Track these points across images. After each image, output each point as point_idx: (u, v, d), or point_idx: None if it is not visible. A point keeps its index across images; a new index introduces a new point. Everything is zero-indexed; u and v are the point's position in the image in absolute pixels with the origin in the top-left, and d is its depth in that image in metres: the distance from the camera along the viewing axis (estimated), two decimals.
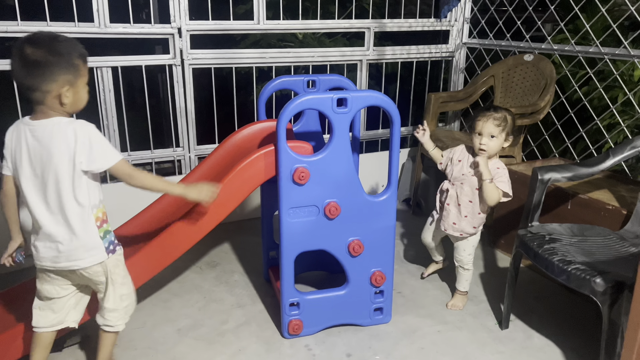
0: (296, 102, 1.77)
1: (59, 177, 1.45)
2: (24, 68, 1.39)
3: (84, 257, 1.54)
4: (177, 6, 2.73)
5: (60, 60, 1.41)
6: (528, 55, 2.98)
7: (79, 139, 1.43)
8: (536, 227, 2.01)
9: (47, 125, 1.45)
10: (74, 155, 1.44)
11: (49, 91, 1.42)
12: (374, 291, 2.04)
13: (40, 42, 1.39)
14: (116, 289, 1.63)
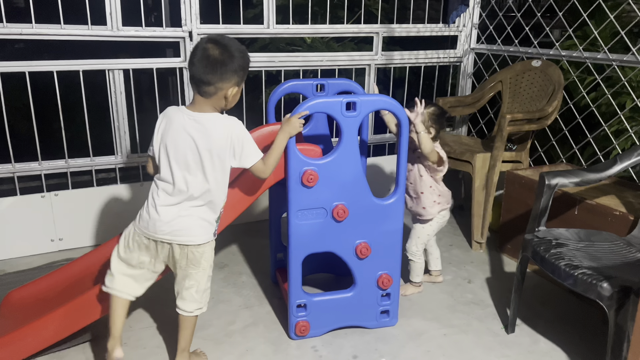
0: (306, 105, 1.79)
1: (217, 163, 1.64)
2: (209, 65, 1.57)
3: (199, 235, 1.68)
4: (189, 10, 2.76)
5: (237, 62, 1.59)
6: (536, 61, 2.99)
7: (233, 137, 1.63)
8: (543, 232, 2.02)
9: (208, 118, 1.62)
10: (226, 149, 1.63)
11: (222, 88, 1.60)
12: (380, 294, 2.06)
13: (223, 44, 1.58)
14: (207, 271, 1.74)
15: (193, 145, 1.62)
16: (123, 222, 2.39)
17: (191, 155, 1.62)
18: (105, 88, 2.75)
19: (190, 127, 1.62)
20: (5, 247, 2.63)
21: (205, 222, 1.69)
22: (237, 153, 1.66)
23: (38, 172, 2.71)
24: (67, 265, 2.20)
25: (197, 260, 1.70)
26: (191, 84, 1.63)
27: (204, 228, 1.69)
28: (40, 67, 2.58)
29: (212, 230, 1.73)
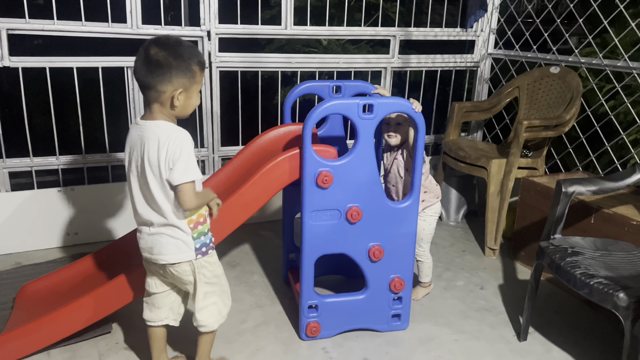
0: (323, 106, 1.79)
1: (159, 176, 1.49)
2: (145, 66, 1.45)
3: (171, 253, 1.57)
4: (207, 10, 2.78)
5: (180, 64, 1.46)
6: (554, 68, 2.97)
7: (170, 148, 1.46)
8: (558, 239, 2.00)
9: (150, 126, 1.50)
10: (162, 161, 1.47)
11: (164, 92, 1.47)
12: (392, 297, 2.05)
13: (165, 45, 1.46)
14: (202, 287, 1.64)
15: (137, 158, 1.52)
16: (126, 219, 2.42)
17: (136, 168, 1.53)
18: (122, 85, 2.78)
19: (135, 137, 1.53)
20: (22, 240, 2.66)
21: (178, 240, 1.56)
22: (169, 166, 1.47)
23: (55, 167, 2.75)
24: (82, 260, 2.22)
25: (181, 279, 1.62)
26: (141, 91, 1.52)
27: (176, 247, 1.57)
28: (60, 62, 2.62)
29: (191, 248, 1.59)
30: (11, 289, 2.25)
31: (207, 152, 3.03)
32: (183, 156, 1.47)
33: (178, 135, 1.48)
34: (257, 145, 2.25)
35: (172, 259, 1.58)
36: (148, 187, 1.51)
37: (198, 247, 1.60)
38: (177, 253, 1.58)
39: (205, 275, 1.64)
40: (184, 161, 1.47)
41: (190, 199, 1.50)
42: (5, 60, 2.48)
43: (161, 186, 1.51)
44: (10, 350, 1.83)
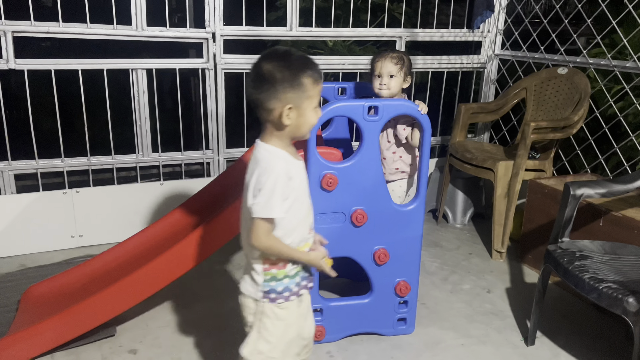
0: (328, 108, 1.78)
1: (246, 202, 1.34)
2: (252, 82, 1.31)
3: (245, 281, 1.44)
4: (212, 11, 2.78)
5: (286, 76, 1.28)
6: (562, 69, 2.94)
7: (259, 177, 1.30)
8: (566, 243, 1.97)
9: (257, 147, 1.36)
10: (250, 187, 1.32)
11: (272, 109, 1.29)
12: (398, 301, 2.03)
13: (272, 57, 1.30)
14: (257, 339, 1.42)
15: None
16: (142, 221, 2.42)
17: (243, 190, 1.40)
18: (127, 87, 2.78)
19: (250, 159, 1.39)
20: (27, 242, 2.67)
21: (250, 272, 1.40)
22: (254, 194, 1.31)
23: (61, 169, 2.75)
24: (87, 262, 2.22)
25: (243, 312, 1.45)
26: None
27: (247, 282, 1.42)
28: (66, 65, 2.62)
29: (259, 289, 1.39)
30: (16, 291, 2.25)
31: (212, 154, 3.02)
32: (267, 189, 1.28)
33: (272, 165, 1.30)
34: None
35: (243, 288, 1.43)
36: (243, 210, 1.39)
37: (267, 291, 1.39)
38: (247, 284, 1.43)
39: (266, 327, 1.41)
40: (266, 194, 1.28)
41: (258, 237, 1.31)
42: (11, 62, 2.49)
43: (248, 212, 1.35)
44: (15, 352, 1.82)
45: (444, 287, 2.48)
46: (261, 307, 1.40)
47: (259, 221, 1.30)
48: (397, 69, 2.08)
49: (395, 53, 2.10)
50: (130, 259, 2.19)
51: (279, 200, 1.30)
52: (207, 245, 1.93)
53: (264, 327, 1.41)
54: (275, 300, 1.39)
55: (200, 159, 3.04)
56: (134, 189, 2.83)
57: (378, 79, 2.09)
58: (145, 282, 1.93)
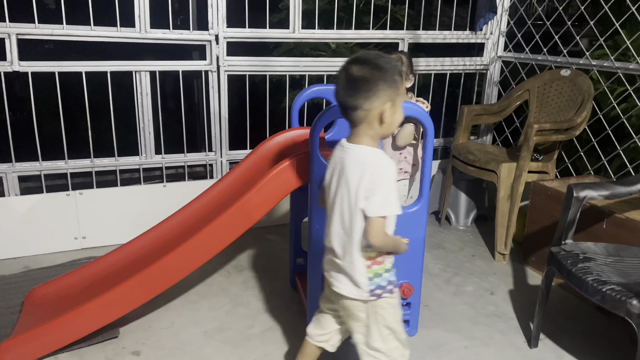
0: (330, 110, 1.78)
1: (351, 204, 1.41)
2: (349, 86, 1.36)
3: (346, 285, 1.48)
4: (215, 14, 2.78)
5: (384, 76, 1.35)
6: (565, 70, 2.93)
7: (372, 177, 1.37)
8: (570, 245, 1.97)
9: (355, 150, 1.41)
10: (360, 189, 1.38)
11: (372, 109, 1.36)
12: (401, 303, 2.02)
13: (366, 60, 1.36)
14: (379, 329, 1.51)
15: (336, 181, 1.45)
16: (145, 222, 2.42)
17: (336, 192, 1.45)
18: (130, 89, 2.79)
19: (337, 159, 1.45)
20: (30, 244, 2.67)
21: (352, 276, 1.45)
22: (366, 195, 1.38)
23: (64, 171, 2.76)
24: (90, 264, 2.23)
25: (352, 314, 1.51)
26: (343, 114, 1.42)
27: (351, 281, 1.46)
28: (69, 67, 2.63)
29: (364, 289, 1.45)
30: (19, 292, 2.26)
31: (215, 156, 3.03)
32: (383, 188, 1.36)
33: (383, 165, 1.38)
34: (265, 149, 2.25)
35: (346, 291, 1.48)
36: (341, 212, 1.44)
37: (372, 289, 1.46)
38: (348, 287, 1.48)
39: (385, 318, 1.51)
40: (383, 193, 1.36)
41: (377, 235, 1.38)
42: (15, 64, 2.50)
43: (352, 214, 1.41)
44: (19, 353, 1.83)
45: (447, 289, 2.48)
46: (373, 304, 1.48)
47: (378, 219, 1.37)
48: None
49: (394, 54, 2.10)
50: (133, 261, 2.19)
51: (395, 198, 1.37)
52: (210, 247, 1.93)
53: (383, 319, 1.50)
54: (382, 295, 1.47)
55: (203, 160, 3.04)
56: (137, 190, 2.84)
57: None
58: (148, 284, 1.93)
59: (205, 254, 1.94)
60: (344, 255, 1.46)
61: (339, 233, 1.46)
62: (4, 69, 2.49)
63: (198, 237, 1.92)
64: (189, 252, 1.93)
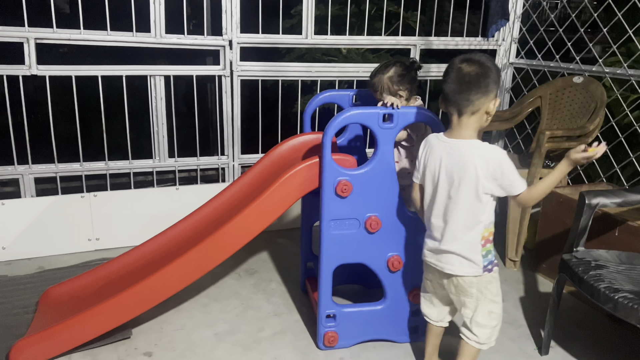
0: (343, 116, 1.80)
1: (464, 194, 1.57)
2: (464, 84, 1.52)
3: (459, 265, 1.64)
4: (229, 20, 2.82)
5: (493, 73, 1.53)
6: (578, 77, 2.93)
7: (491, 166, 1.53)
8: (582, 252, 1.97)
9: (463, 144, 1.57)
10: (482, 178, 1.54)
11: (482, 103, 1.53)
12: (411, 309, 2.03)
13: (474, 60, 1.54)
14: (487, 304, 1.67)
15: (438, 172, 1.61)
16: (158, 225, 2.45)
17: (447, 185, 1.60)
18: (143, 93, 2.82)
19: (440, 153, 1.61)
20: (45, 245, 2.71)
21: (466, 256, 1.62)
22: (498, 180, 1.56)
23: (79, 173, 2.80)
24: (103, 265, 2.26)
25: (465, 290, 1.66)
26: (449, 108, 1.58)
27: (465, 261, 1.63)
28: (86, 71, 2.68)
29: (479, 265, 1.63)
30: (34, 292, 2.29)
31: (227, 160, 3.06)
32: (507, 168, 1.54)
33: (496, 151, 1.55)
34: (277, 153, 2.26)
35: (459, 271, 1.64)
36: (453, 202, 1.59)
37: (485, 265, 1.63)
38: (464, 267, 1.63)
39: (491, 291, 1.67)
40: (512, 172, 1.55)
41: (529, 201, 1.62)
42: (33, 68, 2.55)
43: (470, 201, 1.58)
44: (33, 353, 1.86)
45: None
46: (485, 279, 1.65)
47: (524, 193, 1.58)
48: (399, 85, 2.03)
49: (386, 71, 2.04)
50: (146, 263, 2.22)
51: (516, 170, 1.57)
52: (223, 250, 1.95)
53: (490, 292, 1.67)
54: (493, 269, 1.65)
55: (216, 164, 3.07)
56: (150, 193, 2.87)
57: (380, 95, 2.04)
58: (161, 286, 1.95)
59: (217, 257, 1.96)
60: (456, 240, 1.62)
61: (449, 218, 1.61)
62: (22, 72, 2.54)
63: (211, 239, 1.93)
64: (201, 254, 1.94)
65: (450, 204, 1.61)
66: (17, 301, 2.25)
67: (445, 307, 1.84)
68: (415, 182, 1.75)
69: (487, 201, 1.59)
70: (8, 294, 2.30)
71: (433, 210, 1.67)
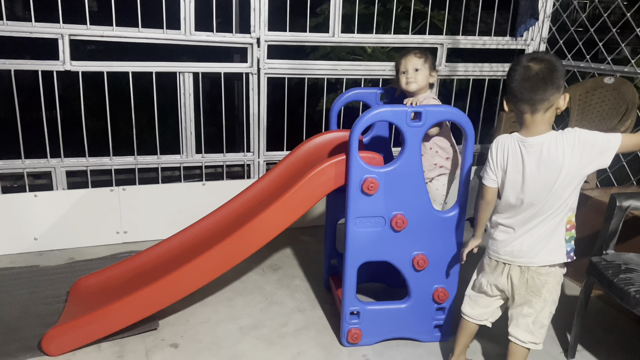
0: (371, 113, 1.80)
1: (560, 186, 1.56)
2: (537, 82, 1.53)
3: (544, 255, 1.63)
4: (258, 18, 2.84)
5: (561, 70, 1.55)
6: (608, 78, 2.87)
7: (575, 146, 1.53)
8: (611, 255, 1.93)
9: (546, 140, 1.56)
10: (578, 160, 1.53)
11: (555, 98, 1.54)
12: (435, 307, 2.03)
13: (541, 58, 1.56)
14: (550, 305, 1.68)
15: (537, 173, 1.57)
16: (184, 219, 2.49)
17: (538, 183, 1.58)
18: (169, 89, 2.87)
19: (530, 156, 1.58)
20: (76, 236, 2.78)
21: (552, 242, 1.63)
22: (595, 147, 1.53)
23: (109, 167, 2.86)
24: (131, 258, 2.30)
25: (536, 284, 1.66)
26: (520, 106, 1.57)
27: (551, 248, 1.63)
28: (118, 67, 2.74)
29: (562, 251, 1.64)
30: (65, 283, 2.36)
31: (253, 157, 3.09)
32: (592, 133, 1.54)
33: (573, 130, 1.56)
34: (303, 150, 2.28)
35: (544, 260, 1.63)
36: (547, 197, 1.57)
37: (568, 251, 1.65)
38: (549, 255, 1.63)
39: (557, 291, 1.69)
40: (598, 133, 1.54)
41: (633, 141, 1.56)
42: (67, 64, 2.61)
43: (567, 191, 1.57)
44: (64, 341, 1.91)
45: None
46: (558, 276, 1.67)
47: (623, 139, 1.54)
48: (422, 62, 2.10)
49: (417, 49, 2.15)
50: (173, 256, 2.25)
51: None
52: (249, 245, 1.97)
53: (556, 293, 1.68)
54: (574, 257, 1.66)
55: (241, 160, 3.11)
56: (177, 188, 2.92)
57: (404, 75, 2.11)
58: (187, 280, 1.98)
59: (243, 252, 1.98)
60: (547, 232, 1.61)
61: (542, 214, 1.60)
62: (57, 68, 2.61)
63: (237, 235, 1.96)
64: (227, 249, 1.97)
65: (544, 199, 1.58)
66: (48, 290, 2.31)
67: (490, 309, 1.80)
68: (491, 187, 1.69)
69: (579, 184, 1.58)
70: (40, 284, 2.37)
71: (519, 207, 1.63)
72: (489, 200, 1.72)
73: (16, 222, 2.67)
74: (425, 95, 2.12)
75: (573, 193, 1.59)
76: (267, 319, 2.21)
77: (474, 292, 1.82)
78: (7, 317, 2.11)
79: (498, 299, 1.78)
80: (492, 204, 1.72)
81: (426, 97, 2.10)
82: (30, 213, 2.68)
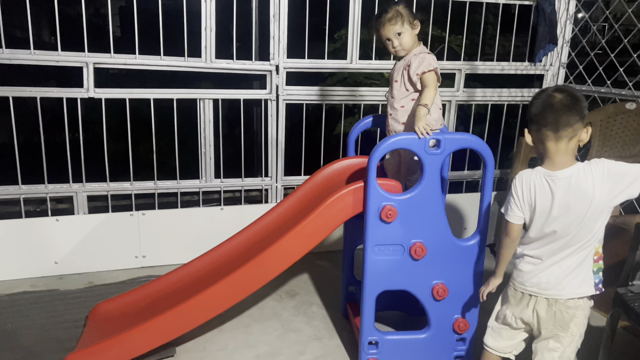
0: (390, 141, 1.80)
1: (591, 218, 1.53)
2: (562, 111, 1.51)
3: (572, 287, 1.59)
4: (277, 45, 2.89)
5: (583, 100, 1.55)
6: (630, 104, 2.84)
7: (605, 177, 1.51)
8: (637, 286, 1.88)
9: (573, 173, 1.53)
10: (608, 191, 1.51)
11: (579, 128, 1.52)
12: (456, 338, 1.99)
13: (564, 89, 1.56)
14: (577, 340, 1.64)
15: (567, 208, 1.54)
16: (203, 244, 2.50)
17: (569, 217, 1.54)
18: (189, 112, 2.91)
19: (559, 190, 1.54)
20: (95, 260, 2.81)
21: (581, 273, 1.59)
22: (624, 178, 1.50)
23: (129, 192, 2.90)
24: (150, 283, 2.31)
25: (564, 318, 1.61)
26: (544, 134, 1.53)
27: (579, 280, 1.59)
28: (140, 94, 2.79)
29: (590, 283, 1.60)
30: (84, 307, 2.37)
31: (271, 181, 3.10)
32: (619, 164, 1.53)
33: (599, 161, 1.54)
34: (321, 176, 2.28)
35: (573, 293, 1.59)
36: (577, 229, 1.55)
37: (596, 282, 1.61)
38: (578, 287, 1.59)
39: (584, 326, 1.64)
40: (625, 164, 1.52)
41: None
42: (91, 91, 2.67)
43: (597, 223, 1.55)
44: None
45: None
46: (586, 309, 1.63)
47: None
48: (400, 25, 1.97)
49: (388, 13, 1.98)
50: (191, 282, 2.26)
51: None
52: (267, 272, 1.97)
53: (583, 327, 1.64)
54: (602, 290, 1.63)
55: (259, 185, 3.12)
56: (196, 213, 2.94)
57: (389, 43, 2.02)
58: (205, 306, 1.98)
59: (261, 279, 1.98)
60: (576, 264, 1.58)
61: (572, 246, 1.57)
62: (81, 95, 2.67)
63: (255, 261, 1.96)
64: (246, 276, 1.97)
65: (574, 231, 1.55)
66: (67, 315, 2.33)
67: (514, 342, 1.74)
68: (517, 224, 1.64)
69: (608, 216, 1.56)
70: (59, 308, 2.39)
71: (548, 238, 1.59)
72: (514, 237, 1.67)
73: (38, 246, 2.71)
74: (416, 52, 1.99)
75: (602, 224, 1.56)
76: (284, 347, 2.19)
77: (498, 323, 1.76)
78: (27, 341, 2.13)
79: (522, 331, 1.72)
80: (517, 241, 1.67)
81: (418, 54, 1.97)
82: (52, 237, 2.71)
